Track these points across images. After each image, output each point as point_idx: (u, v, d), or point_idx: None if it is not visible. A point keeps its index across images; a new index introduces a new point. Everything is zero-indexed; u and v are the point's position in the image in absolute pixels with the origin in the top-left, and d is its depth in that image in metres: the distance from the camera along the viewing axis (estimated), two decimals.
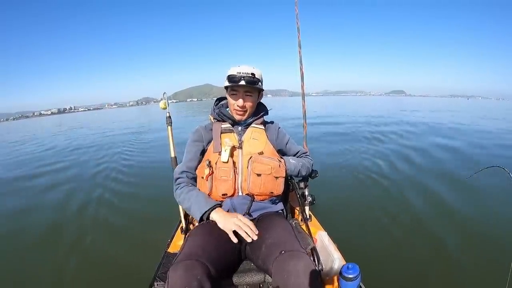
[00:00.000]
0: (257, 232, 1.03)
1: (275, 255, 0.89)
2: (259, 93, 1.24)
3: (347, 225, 2.45)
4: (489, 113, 17.48)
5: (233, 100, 1.19)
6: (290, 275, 0.82)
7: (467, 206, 2.78)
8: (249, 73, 1.14)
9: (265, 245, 0.98)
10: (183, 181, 1.21)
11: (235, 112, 1.21)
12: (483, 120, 12.43)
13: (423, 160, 4.57)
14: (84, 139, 10.23)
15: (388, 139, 6.51)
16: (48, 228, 2.84)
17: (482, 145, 5.79)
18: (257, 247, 1.01)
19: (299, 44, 1.96)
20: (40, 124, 27.44)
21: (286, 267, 0.84)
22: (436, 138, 6.66)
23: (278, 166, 1.18)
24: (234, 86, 1.15)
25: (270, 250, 0.94)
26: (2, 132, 22.46)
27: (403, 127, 8.81)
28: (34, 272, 2.09)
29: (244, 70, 1.15)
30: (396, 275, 1.81)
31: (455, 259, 1.96)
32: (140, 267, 1.69)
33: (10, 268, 2.20)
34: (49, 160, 6.50)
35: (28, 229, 2.87)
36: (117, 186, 4.02)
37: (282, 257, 0.87)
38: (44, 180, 4.73)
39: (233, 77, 1.14)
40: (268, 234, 1.02)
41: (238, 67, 1.17)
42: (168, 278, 0.81)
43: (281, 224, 1.09)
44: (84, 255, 2.26)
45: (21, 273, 2.11)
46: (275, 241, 0.96)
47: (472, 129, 8.61)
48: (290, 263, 0.84)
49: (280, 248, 0.90)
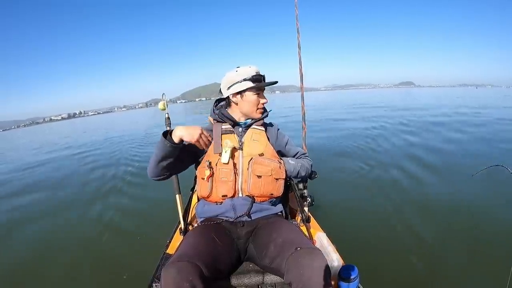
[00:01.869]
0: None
1: (289, 252, 0.90)
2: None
3: (346, 227, 2.44)
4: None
5: (260, 99, 1.22)
6: (306, 269, 0.83)
7: (467, 206, 2.77)
8: (260, 73, 1.19)
9: (274, 244, 0.99)
10: None
11: (259, 111, 1.24)
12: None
13: (424, 159, 4.55)
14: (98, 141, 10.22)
15: (390, 138, 6.49)
16: (47, 228, 2.84)
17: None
18: (264, 247, 1.02)
19: (298, 45, 1.97)
20: (58, 130, 26.90)
21: (302, 262, 0.85)
22: (437, 135, 6.61)
23: (279, 167, 1.18)
24: (260, 85, 1.18)
25: (283, 248, 0.95)
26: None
27: (406, 123, 8.70)
28: (32, 273, 2.09)
29: (256, 71, 1.19)
30: (395, 276, 1.81)
31: (455, 260, 1.96)
32: (140, 268, 1.69)
33: (9, 268, 2.20)
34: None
35: (27, 228, 2.87)
36: (117, 186, 4.03)
37: (298, 253, 0.88)
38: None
39: (258, 77, 1.17)
40: (276, 233, 1.03)
41: (250, 68, 1.19)
42: (161, 279, 0.82)
43: (288, 224, 1.11)
44: (84, 255, 2.26)
45: (20, 273, 2.11)
46: (287, 239, 0.97)
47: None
48: (307, 258, 0.85)
49: (295, 245, 0.91)
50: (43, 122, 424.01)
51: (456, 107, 13.62)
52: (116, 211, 3.14)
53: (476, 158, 4.48)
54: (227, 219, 1.16)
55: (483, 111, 11.48)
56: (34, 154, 9.20)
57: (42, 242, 2.57)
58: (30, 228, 2.91)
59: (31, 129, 72.64)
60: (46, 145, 11.39)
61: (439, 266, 1.91)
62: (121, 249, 2.32)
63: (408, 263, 1.95)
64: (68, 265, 2.13)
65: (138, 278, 1.33)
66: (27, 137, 23.21)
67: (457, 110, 12.20)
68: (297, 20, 1.95)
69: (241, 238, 1.13)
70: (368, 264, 1.72)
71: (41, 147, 11.42)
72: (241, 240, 1.13)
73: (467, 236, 2.26)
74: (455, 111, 11.79)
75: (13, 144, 17.18)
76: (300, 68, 1.95)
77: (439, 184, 3.41)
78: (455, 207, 2.77)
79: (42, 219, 3.12)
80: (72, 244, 2.44)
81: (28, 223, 3.04)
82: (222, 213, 1.16)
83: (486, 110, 11.73)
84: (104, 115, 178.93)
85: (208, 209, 1.20)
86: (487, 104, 15.88)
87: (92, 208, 3.26)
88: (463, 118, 9.17)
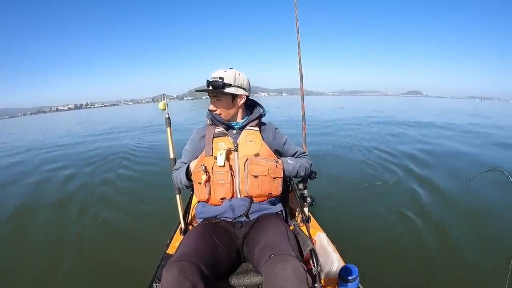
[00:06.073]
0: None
1: (265, 259, 0.90)
2: (234, 97, 1.19)
3: (346, 227, 2.44)
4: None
5: (211, 104, 1.22)
6: (278, 278, 0.82)
7: (467, 207, 2.77)
8: (216, 77, 1.14)
9: (257, 248, 0.99)
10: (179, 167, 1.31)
11: (211, 116, 1.25)
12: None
13: (424, 162, 4.57)
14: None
15: (391, 140, 6.50)
16: (47, 228, 2.84)
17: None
18: (251, 249, 1.04)
19: (298, 45, 1.97)
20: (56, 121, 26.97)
21: (274, 270, 0.84)
22: (437, 140, 6.65)
23: (275, 166, 1.17)
24: (203, 91, 1.17)
25: (261, 253, 0.95)
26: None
27: (408, 129, 8.73)
28: (32, 273, 2.09)
29: (214, 75, 1.15)
30: (395, 277, 1.81)
31: (455, 260, 1.96)
32: (140, 268, 1.69)
33: (7, 268, 2.19)
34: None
35: (26, 229, 2.87)
36: (117, 187, 4.02)
37: (271, 260, 0.87)
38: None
39: (207, 82, 1.16)
40: (260, 237, 1.03)
41: (218, 71, 1.17)
42: (161, 278, 0.82)
43: (276, 226, 1.09)
44: (84, 256, 2.25)
45: (20, 273, 2.11)
46: (266, 244, 0.97)
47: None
48: (278, 266, 0.84)
49: (270, 252, 0.91)
50: (50, 111, 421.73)
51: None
52: (116, 211, 3.13)
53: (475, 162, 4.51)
54: (226, 219, 1.16)
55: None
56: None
57: (41, 242, 2.57)
58: (28, 228, 2.90)
59: (36, 118, 72.03)
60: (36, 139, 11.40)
61: (439, 265, 1.91)
62: (121, 249, 2.32)
63: (408, 263, 1.95)
64: (67, 265, 2.12)
65: (138, 278, 1.32)
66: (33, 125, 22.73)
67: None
68: (296, 20, 1.96)
69: (239, 238, 1.13)
70: (368, 264, 1.72)
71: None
72: (239, 240, 1.13)
73: (467, 236, 2.26)
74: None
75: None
76: (300, 69, 1.96)
77: (440, 184, 3.42)
78: (455, 207, 2.78)
79: (37, 217, 3.11)
80: (71, 244, 2.43)
81: (24, 223, 3.03)
82: (221, 213, 1.16)
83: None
84: (110, 107, 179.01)
85: (207, 209, 1.20)
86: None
87: (92, 207, 3.25)
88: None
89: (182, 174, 1.26)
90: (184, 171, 1.25)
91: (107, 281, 1.92)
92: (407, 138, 6.94)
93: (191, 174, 1.22)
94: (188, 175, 1.24)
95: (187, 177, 1.24)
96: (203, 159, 1.19)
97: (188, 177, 1.24)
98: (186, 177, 1.24)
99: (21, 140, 11.64)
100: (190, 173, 1.22)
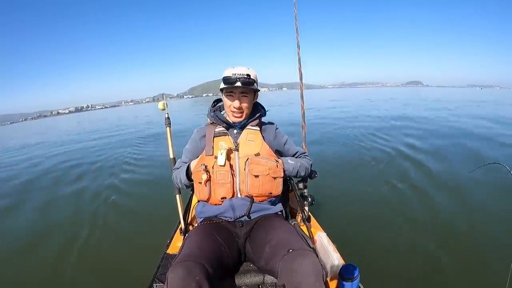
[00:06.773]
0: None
1: (281, 254, 0.89)
2: (255, 93, 1.24)
3: (346, 226, 2.44)
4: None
5: (230, 102, 1.18)
6: (297, 273, 0.83)
7: (467, 205, 2.76)
8: (244, 74, 1.13)
9: (269, 246, 0.98)
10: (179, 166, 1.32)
11: (231, 114, 1.21)
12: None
13: (423, 158, 4.54)
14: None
15: (390, 138, 6.47)
16: (47, 228, 2.84)
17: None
18: (260, 248, 1.02)
19: (298, 44, 1.97)
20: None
21: (293, 265, 0.84)
22: (436, 136, 6.61)
23: (276, 166, 1.17)
24: (230, 87, 1.14)
25: (276, 250, 0.94)
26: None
27: (406, 122, 8.66)
28: (32, 274, 2.09)
29: (239, 71, 1.14)
30: (395, 276, 1.80)
31: (455, 259, 1.95)
32: (140, 268, 1.69)
33: (7, 269, 2.19)
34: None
35: (25, 228, 2.87)
36: (116, 186, 4.02)
37: (290, 255, 0.87)
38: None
39: (229, 78, 1.13)
40: (271, 235, 1.03)
41: (233, 68, 1.16)
42: (167, 279, 0.81)
43: (284, 225, 1.10)
44: (84, 256, 2.25)
45: (19, 274, 2.11)
46: (281, 241, 0.97)
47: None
48: (298, 261, 0.85)
49: (287, 247, 0.91)
50: (51, 115, 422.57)
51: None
52: (116, 211, 3.13)
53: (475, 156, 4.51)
54: (227, 219, 1.16)
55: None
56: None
57: (41, 242, 2.57)
58: (27, 228, 2.91)
59: (37, 122, 71.92)
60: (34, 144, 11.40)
61: (439, 265, 1.90)
62: (120, 249, 2.32)
63: (409, 262, 1.94)
64: (67, 265, 2.12)
65: (138, 278, 1.32)
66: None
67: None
68: (296, 19, 1.96)
69: (240, 238, 1.13)
70: (368, 263, 1.72)
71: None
72: (240, 240, 1.13)
73: (467, 236, 2.25)
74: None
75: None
76: (299, 67, 1.96)
77: (440, 183, 3.41)
78: (454, 206, 2.77)
79: (35, 219, 3.11)
80: (71, 244, 2.43)
81: (24, 223, 3.03)
82: (221, 213, 1.16)
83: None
84: (111, 109, 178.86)
85: (207, 209, 1.20)
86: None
87: (91, 207, 3.25)
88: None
89: (182, 174, 1.25)
90: (185, 170, 1.24)
91: (107, 281, 1.92)
92: (410, 131, 6.87)
93: (191, 173, 1.21)
94: (189, 175, 1.24)
95: (187, 176, 1.24)
96: (203, 159, 1.18)
97: (188, 176, 1.24)
98: (186, 176, 1.24)
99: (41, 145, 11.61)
100: (191, 173, 1.22)
